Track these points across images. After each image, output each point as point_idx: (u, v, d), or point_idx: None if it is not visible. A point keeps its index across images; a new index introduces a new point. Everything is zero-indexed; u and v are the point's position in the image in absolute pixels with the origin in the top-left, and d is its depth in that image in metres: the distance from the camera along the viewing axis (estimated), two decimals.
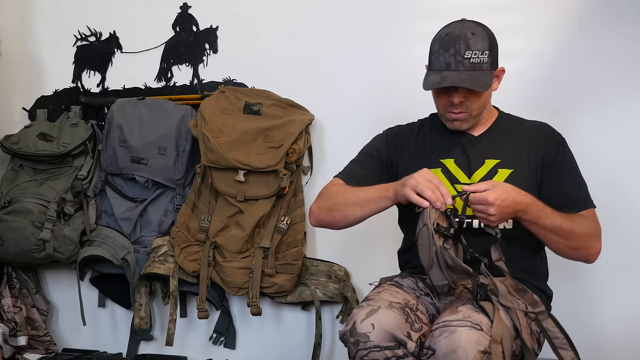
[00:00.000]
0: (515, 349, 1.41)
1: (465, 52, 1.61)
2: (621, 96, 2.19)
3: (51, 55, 2.82)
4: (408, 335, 1.42)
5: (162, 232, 2.53)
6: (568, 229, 1.59)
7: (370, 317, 1.43)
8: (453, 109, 1.68)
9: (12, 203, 2.51)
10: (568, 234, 1.59)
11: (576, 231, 1.60)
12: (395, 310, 1.45)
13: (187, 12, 2.67)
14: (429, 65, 1.70)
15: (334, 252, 2.45)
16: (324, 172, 2.48)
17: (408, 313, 1.46)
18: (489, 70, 1.65)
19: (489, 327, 1.36)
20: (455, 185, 1.66)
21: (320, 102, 2.47)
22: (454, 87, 1.64)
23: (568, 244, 1.61)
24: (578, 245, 1.61)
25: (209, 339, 2.58)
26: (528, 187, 1.61)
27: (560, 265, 1.83)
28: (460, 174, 1.69)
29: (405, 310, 1.46)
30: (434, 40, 1.69)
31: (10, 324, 2.55)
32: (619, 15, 2.19)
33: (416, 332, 1.44)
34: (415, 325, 1.45)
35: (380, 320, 1.42)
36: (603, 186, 2.20)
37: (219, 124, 2.42)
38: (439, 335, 1.36)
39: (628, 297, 2.18)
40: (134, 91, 2.70)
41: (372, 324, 1.41)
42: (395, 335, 1.41)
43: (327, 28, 2.49)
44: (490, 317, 1.40)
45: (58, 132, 2.60)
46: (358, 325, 1.42)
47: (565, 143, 1.74)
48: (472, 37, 1.62)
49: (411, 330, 1.43)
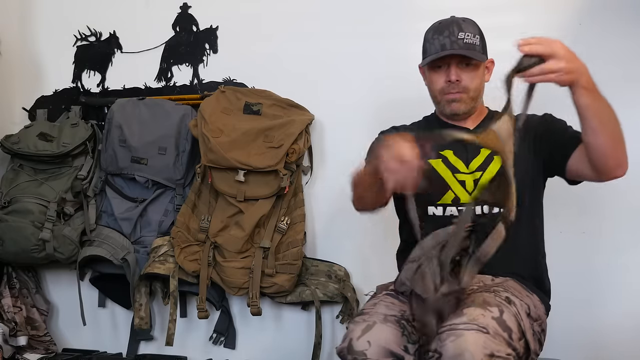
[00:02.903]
0: (519, 350, 1.41)
1: (459, 33, 1.70)
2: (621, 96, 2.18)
3: (51, 55, 2.81)
4: (405, 349, 1.43)
5: (162, 232, 2.53)
6: (614, 111, 1.47)
7: (366, 333, 1.43)
8: (450, 89, 1.73)
9: (12, 203, 2.51)
10: (614, 115, 1.47)
11: (617, 117, 1.48)
12: (391, 324, 1.46)
13: (187, 12, 2.67)
14: (424, 53, 1.78)
15: (334, 252, 2.45)
16: (324, 172, 2.49)
17: (404, 325, 1.46)
18: (482, 54, 1.75)
19: (495, 329, 1.36)
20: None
21: (320, 102, 2.47)
22: (450, 65, 1.71)
23: (617, 129, 1.48)
24: (621, 135, 1.49)
25: (209, 339, 2.57)
26: (522, 173, 1.64)
27: (560, 265, 1.83)
28: (460, 163, 1.73)
29: (401, 322, 1.47)
30: (427, 31, 1.78)
31: (10, 324, 2.55)
32: (619, 15, 2.19)
33: (413, 344, 1.45)
34: (413, 337, 1.45)
35: (376, 337, 1.43)
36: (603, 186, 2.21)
37: (219, 124, 2.42)
38: (445, 338, 1.35)
39: (628, 297, 2.18)
40: (134, 91, 2.70)
41: (369, 341, 1.42)
42: (392, 351, 1.42)
43: (327, 28, 2.49)
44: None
45: (58, 132, 2.60)
46: (354, 343, 1.43)
47: (545, 113, 1.77)
48: (464, 22, 1.73)
49: (408, 344, 1.44)
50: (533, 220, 1.73)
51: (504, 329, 1.37)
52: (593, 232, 2.22)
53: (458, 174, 1.71)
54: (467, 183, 1.69)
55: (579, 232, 2.22)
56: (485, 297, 1.46)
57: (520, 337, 1.43)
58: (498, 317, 1.39)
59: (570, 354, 2.05)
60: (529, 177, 1.69)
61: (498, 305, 1.43)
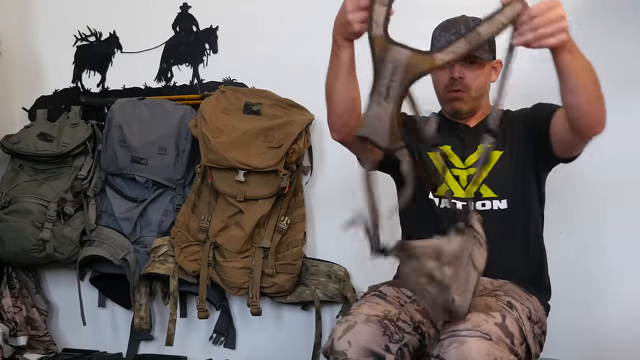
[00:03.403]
0: (520, 355, 1.41)
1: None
2: (621, 96, 2.19)
3: (51, 55, 2.82)
4: (386, 348, 1.43)
5: (162, 232, 2.53)
6: (594, 70, 1.43)
7: (346, 334, 1.43)
8: (453, 86, 1.73)
9: (12, 203, 2.51)
10: (595, 74, 1.43)
11: (597, 76, 1.45)
12: (372, 324, 1.45)
13: (187, 12, 2.67)
14: (431, 49, 1.74)
15: (334, 252, 2.45)
16: (324, 172, 2.49)
17: (387, 325, 1.46)
18: (489, 53, 1.74)
19: (498, 336, 1.35)
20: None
21: (320, 102, 2.44)
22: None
23: (596, 86, 1.44)
24: (600, 93, 1.46)
25: (209, 339, 2.58)
26: (518, 167, 1.67)
27: (560, 265, 1.83)
28: (455, 158, 1.74)
29: (383, 322, 1.46)
30: (435, 29, 1.77)
31: (10, 324, 2.55)
32: (619, 15, 2.19)
33: (396, 343, 1.44)
34: (395, 337, 1.45)
35: (356, 337, 1.43)
36: (603, 186, 2.21)
37: (219, 124, 2.42)
38: (448, 345, 1.35)
39: (628, 298, 2.18)
40: (134, 91, 2.70)
41: (349, 341, 1.42)
42: (372, 350, 1.42)
43: (328, 28, 2.46)
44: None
45: (58, 132, 2.60)
46: (335, 344, 1.43)
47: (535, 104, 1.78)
48: (472, 21, 1.69)
49: (390, 343, 1.43)
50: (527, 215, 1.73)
51: (506, 335, 1.37)
52: (593, 232, 2.22)
53: (453, 168, 1.72)
54: (460, 178, 1.71)
55: (579, 232, 2.22)
56: (488, 301, 1.45)
57: (522, 342, 1.42)
58: (501, 323, 1.38)
59: (569, 355, 2.04)
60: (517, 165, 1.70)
61: (500, 310, 1.42)
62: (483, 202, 1.69)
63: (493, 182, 1.69)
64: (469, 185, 1.70)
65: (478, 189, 1.69)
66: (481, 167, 1.53)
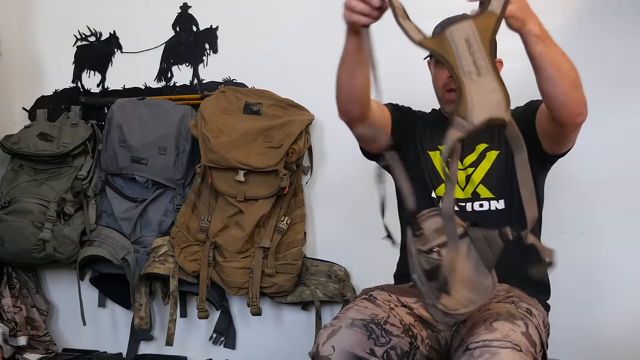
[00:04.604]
0: None
1: None
2: (621, 96, 2.19)
3: (51, 55, 2.82)
4: (371, 351, 1.42)
5: (162, 232, 2.53)
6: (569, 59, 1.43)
7: (330, 338, 1.43)
8: (450, 85, 1.72)
9: (12, 203, 2.51)
10: (570, 63, 1.43)
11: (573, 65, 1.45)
12: (357, 328, 1.45)
13: (187, 12, 2.67)
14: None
15: (334, 252, 2.45)
16: (324, 172, 2.49)
17: (372, 329, 1.45)
18: None
19: (526, 346, 1.35)
20: None
21: (320, 102, 2.46)
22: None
23: (574, 76, 1.44)
24: (578, 82, 1.45)
25: (209, 339, 2.58)
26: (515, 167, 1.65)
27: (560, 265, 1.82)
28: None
29: (369, 326, 1.45)
30: (435, 27, 1.75)
31: (10, 324, 2.55)
32: (619, 15, 2.19)
33: (381, 346, 1.43)
34: (381, 340, 1.44)
35: (340, 342, 1.42)
36: (603, 187, 2.21)
37: (219, 124, 2.42)
38: (479, 355, 1.33)
39: (628, 298, 2.18)
40: (134, 91, 2.70)
41: (333, 346, 1.42)
42: (356, 354, 1.41)
43: (327, 28, 2.47)
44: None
45: (58, 132, 2.60)
46: (320, 348, 1.43)
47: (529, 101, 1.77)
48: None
49: (375, 346, 1.43)
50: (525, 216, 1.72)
51: (531, 344, 1.36)
52: (593, 232, 2.22)
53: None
54: (459, 178, 1.71)
55: (579, 232, 2.21)
56: (509, 309, 1.45)
57: (541, 349, 1.43)
58: (525, 332, 1.38)
59: (570, 355, 2.04)
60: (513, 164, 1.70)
61: (522, 318, 1.42)
62: (481, 202, 1.68)
63: (490, 182, 1.69)
64: (467, 185, 1.70)
65: (475, 189, 1.70)
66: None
